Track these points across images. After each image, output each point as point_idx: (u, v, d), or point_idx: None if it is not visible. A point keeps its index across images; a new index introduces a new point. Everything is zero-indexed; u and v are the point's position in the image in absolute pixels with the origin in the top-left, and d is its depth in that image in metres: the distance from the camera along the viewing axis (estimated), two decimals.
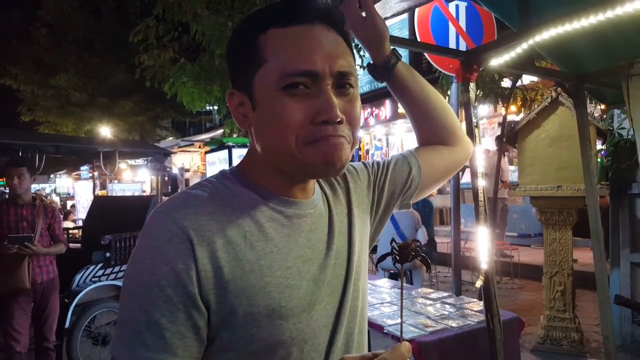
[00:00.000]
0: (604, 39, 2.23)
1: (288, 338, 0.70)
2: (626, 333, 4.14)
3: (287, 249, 0.73)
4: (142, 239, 0.68)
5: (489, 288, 1.98)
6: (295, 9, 0.71)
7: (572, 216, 4.07)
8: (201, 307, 0.65)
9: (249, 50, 0.72)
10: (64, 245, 3.48)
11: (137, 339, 0.63)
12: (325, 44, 0.71)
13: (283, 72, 0.68)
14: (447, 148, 1.04)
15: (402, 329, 0.82)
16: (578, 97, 2.63)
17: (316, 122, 0.68)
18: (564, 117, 3.99)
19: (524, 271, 6.84)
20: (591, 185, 2.60)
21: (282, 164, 0.73)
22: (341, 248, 0.81)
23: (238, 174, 0.77)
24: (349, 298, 0.80)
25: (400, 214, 4.89)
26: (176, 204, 0.70)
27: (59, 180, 19.60)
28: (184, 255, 0.64)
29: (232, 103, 0.75)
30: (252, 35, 0.72)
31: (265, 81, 0.70)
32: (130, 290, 0.66)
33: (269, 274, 0.70)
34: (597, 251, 2.57)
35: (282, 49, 0.69)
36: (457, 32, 3.75)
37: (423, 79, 1.03)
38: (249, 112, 0.74)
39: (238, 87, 0.75)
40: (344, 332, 0.79)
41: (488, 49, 2.12)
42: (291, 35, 0.70)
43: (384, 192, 0.95)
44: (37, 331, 3.37)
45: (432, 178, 1.02)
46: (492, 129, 10.37)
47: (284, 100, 0.68)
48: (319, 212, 0.80)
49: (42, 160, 4.89)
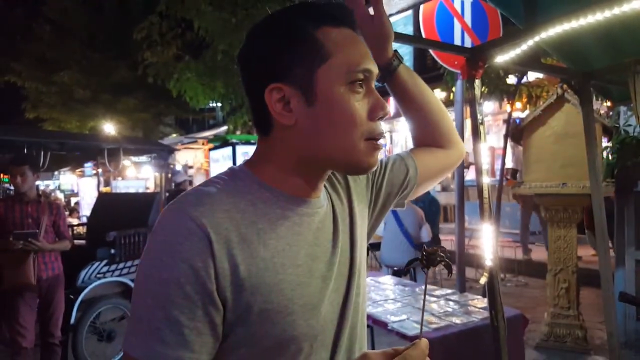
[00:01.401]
0: (610, 35, 2.22)
1: (300, 334, 0.72)
2: (630, 330, 4.13)
3: (298, 247, 0.74)
4: (158, 236, 0.68)
5: (493, 285, 1.98)
6: (342, 12, 0.76)
7: (577, 213, 4.07)
8: (218, 304, 0.66)
9: (306, 43, 0.72)
10: (69, 242, 3.49)
11: (154, 335, 0.64)
12: (368, 49, 0.77)
13: (351, 68, 0.72)
14: (442, 150, 1.08)
15: (422, 327, 0.83)
16: (584, 94, 2.62)
17: (374, 118, 0.74)
18: (569, 114, 3.97)
19: (528, 268, 6.84)
20: (596, 182, 2.59)
21: (335, 160, 0.75)
22: (345, 246, 0.83)
23: (249, 172, 0.77)
24: (353, 294, 0.82)
25: (404, 212, 4.88)
26: (191, 201, 0.70)
27: (63, 177, 19.64)
28: (203, 252, 0.65)
29: (272, 97, 0.73)
30: (310, 29, 0.73)
31: (332, 76, 0.72)
32: (146, 287, 0.66)
33: (282, 272, 0.71)
34: (601, 248, 2.57)
35: (346, 47, 0.73)
36: (462, 28, 3.74)
37: (423, 82, 1.05)
38: (299, 107, 0.72)
39: (285, 81, 0.72)
40: (349, 327, 0.81)
41: (493, 45, 2.12)
42: (348, 36, 0.75)
43: (382, 192, 0.98)
44: (42, 327, 3.38)
45: (427, 179, 1.06)
46: (497, 125, 10.35)
47: (351, 95, 0.72)
48: (325, 210, 0.82)
49: (47, 157, 4.90)
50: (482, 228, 1.99)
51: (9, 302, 3.18)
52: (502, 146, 3.27)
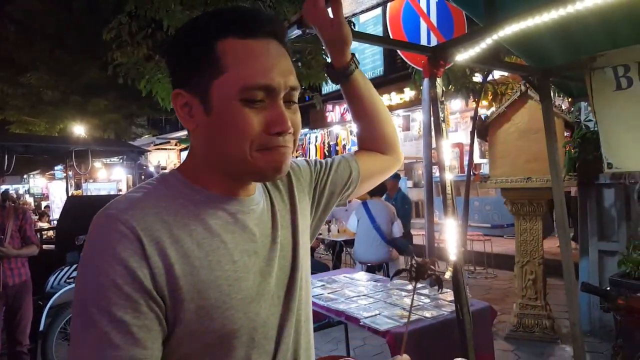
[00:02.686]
0: (567, 33, 2.29)
1: (240, 327, 0.74)
2: (595, 318, 4.27)
3: (233, 244, 0.76)
4: (91, 243, 0.68)
5: (458, 279, 2.02)
6: (256, 23, 0.74)
7: (542, 207, 4.18)
8: (159, 300, 0.67)
9: (206, 54, 0.72)
10: (36, 247, 3.43)
11: (104, 341, 0.63)
12: (280, 61, 0.75)
13: (245, 85, 0.71)
14: (383, 156, 1.13)
15: (405, 339, 0.82)
16: (544, 90, 2.69)
17: (270, 132, 0.73)
18: (533, 110, 4.08)
19: (498, 261, 6.98)
20: (557, 176, 2.67)
21: (231, 166, 0.76)
22: (285, 241, 0.86)
23: (179, 176, 0.78)
24: (296, 287, 0.84)
25: (376, 209, 4.95)
26: (121, 206, 0.71)
27: (32, 180, 19.18)
28: (136, 254, 0.66)
29: (177, 102, 0.76)
30: (210, 39, 0.73)
31: (225, 90, 0.72)
32: (86, 296, 0.66)
33: (218, 269, 0.73)
34: (563, 240, 2.65)
35: (243, 62, 0.72)
36: (428, 27, 3.80)
37: (374, 89, 1.10)
38: (198, 114, 0.75)
39: (187, 88, 0.75)
40: (294, 320, 0.83)
41: (454, 44, 2.16)
42: (251, 49, 0.73)
43: (325, 191, 1.02)
44: (9, 335, 3.31)
45: (366, 180, 1.10)
46: (465, 122, 10.53)
47: (243, 110, 0.71)
48: (261, 208, 0.84)
49: (12, 161, 4.78)
50: (446, 223, 2.03)
51: None
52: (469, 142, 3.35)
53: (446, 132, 2.04)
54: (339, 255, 6.45)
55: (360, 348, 4.13)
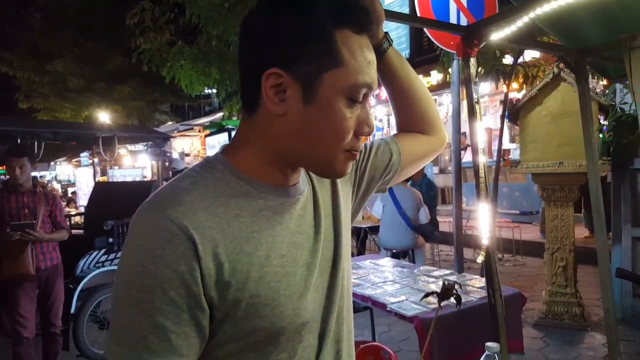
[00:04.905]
0: (605, 11, 2.19)
1: (288, 324, 0.71)
2: (627, 306, 4.18)
3: (281, 237, 0.73)
4: (137, 239, 0.65)
5: (490, 263, 1.98)
6: (367, 17, 0.72)
7: (573, 192, 4.08)
8: (204, 307, 0.65)
9: (323, 42, 0.68)
10: (67, 232, 3.49)
11: (140, 343, 0.62)
12: (374, 57, 0.74)
13: (355, 82, 0.69)
14: (425, 137, 1.07)
15: (433, 325, 0.81)
16: (580, 71, 2.59)
17: (359, 134, 0.72)
18: (565, 93, 3.96)
19: (526, 248, 6.87)
20: (593, 161, 2.58)
21: (308, 162, 0.74)
22: (328, 230, 0.83)
23: (226, 162, 0.74)
24: (339, 278, 0.82)
25: (402, 194, 4.90)
26: (169, 199, 0.66)
27: (59, 167, 19.58)
28: (186, 256, 0.63)
29: (269, 81, 0.68)
30: (329, 27, 0.68)
31: (337, 84, 0.68)
32: (128, 295, 0.63)
33: (267, 264, 0.70)
34: (598, 226, 2.57)
35: (357, 57, 0.70)
36: (457, 7, 3.69)
37: (410, 67, 1.04)
38: (293, 101, 0.69)
39: (290, 71, 0.68)
40: (336, 310, 0.81)
41: (488, 23, 2.09)
42: (361, 45, 0.71)
43: (365, 176, 0.97)
44: (43, 317, 3.40)
45: (409, 164, 1.05)
46: (494, 106, 10.29)
47: (347, 108, 0.70)
48: (306, 196, 0.80)
49: (41, 147, 4.87)
50: (479, 207, 1.98)
51: (9, 293, 3.19)
52: (499, 127, 3.26)
53: (480, 114, 1.98)
54: (363, 241, 6.42)
55: (385, 334, 4.12)
